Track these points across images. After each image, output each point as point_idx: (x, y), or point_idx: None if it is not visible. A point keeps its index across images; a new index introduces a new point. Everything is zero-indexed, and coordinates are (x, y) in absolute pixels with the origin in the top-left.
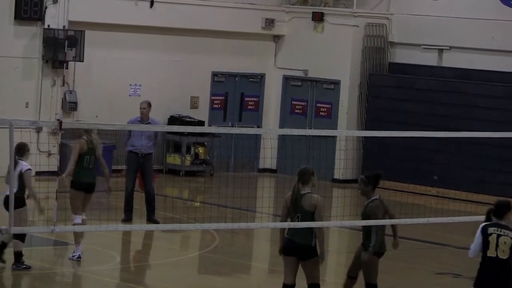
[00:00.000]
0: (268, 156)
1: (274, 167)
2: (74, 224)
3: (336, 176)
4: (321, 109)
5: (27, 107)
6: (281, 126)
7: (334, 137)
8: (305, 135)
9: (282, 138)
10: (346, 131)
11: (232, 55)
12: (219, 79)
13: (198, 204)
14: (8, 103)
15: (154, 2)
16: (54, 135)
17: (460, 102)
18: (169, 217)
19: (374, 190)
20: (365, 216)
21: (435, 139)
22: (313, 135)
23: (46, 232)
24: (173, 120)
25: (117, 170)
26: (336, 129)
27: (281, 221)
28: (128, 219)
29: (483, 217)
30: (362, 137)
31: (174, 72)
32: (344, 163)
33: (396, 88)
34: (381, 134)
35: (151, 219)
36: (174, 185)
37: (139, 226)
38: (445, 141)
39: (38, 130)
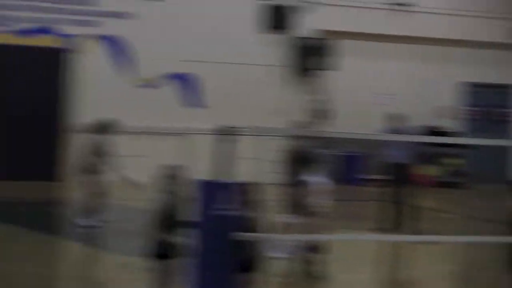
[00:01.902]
0: None
1: None
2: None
3: None
4: None
5: (279, 115)
6: None
7: None
8: None
9: None
10: None
11: (481, 66)
12: (470, 90)
13: (454, 216)
14: (256, 111)
15: (406, 12)
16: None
17: None
18: (426, 229)
19: None
20: None
21: None
22: None
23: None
24: (425, 131)
25: (367, 180)
26: None
27: None
28: (384, 228)
29: None
30: None
31: (425, 82)
32: None
33: None
34: None
35: (409, 230)
36: (428, 196)
37: (390, 237)
38: None
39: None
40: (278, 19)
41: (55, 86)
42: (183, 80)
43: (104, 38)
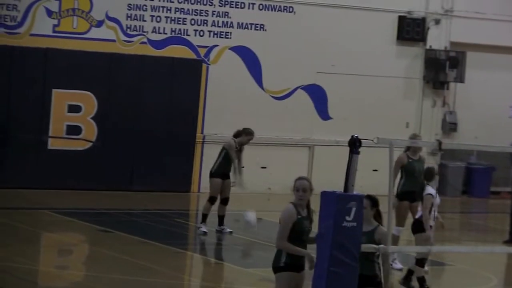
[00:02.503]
0: None
1: None
2: None
3: None
4: None
5: (407, 127)
6: None
7: None
8: None
9: None
10: None
11: None
12: None
13: None
14: (389, 122)
15: None
16: (434, 156)
17: None
18: None
19: None
20: None
21: None
22: None
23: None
24: None
25: (496, 192)
26: None
27: None
28: (510, 240)
29: None
30: None
31: None
32: None
33: None
34: None
35: None
36: None
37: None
38: None
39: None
40: (411, 32)
41: (188, 96)
42: (313, 92)
43: (236, 49)
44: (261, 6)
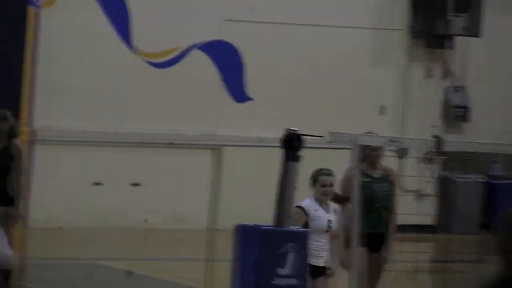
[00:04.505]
0: None
1: None
2: None
3: None
4: None
5: (382, 113)
6: None
7: None
8: None
9: None
10: None
11: None
12: None
13: None
14: (351, 105)
15: None
16: None
17: None
18: None
19: None
20: None
21: None
22: None
23: None
24: None
25: None
26: None
27: None
28: None
29: None
30: None
31: None
32: None
33: None
34: None
35: None
36: None
37: None
38: None
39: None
40: None
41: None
42: (219, 54)
43: None
44: None
